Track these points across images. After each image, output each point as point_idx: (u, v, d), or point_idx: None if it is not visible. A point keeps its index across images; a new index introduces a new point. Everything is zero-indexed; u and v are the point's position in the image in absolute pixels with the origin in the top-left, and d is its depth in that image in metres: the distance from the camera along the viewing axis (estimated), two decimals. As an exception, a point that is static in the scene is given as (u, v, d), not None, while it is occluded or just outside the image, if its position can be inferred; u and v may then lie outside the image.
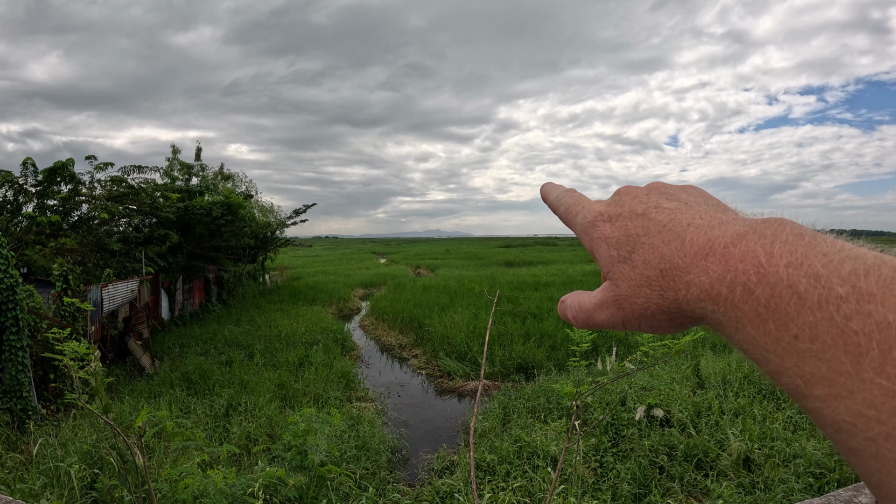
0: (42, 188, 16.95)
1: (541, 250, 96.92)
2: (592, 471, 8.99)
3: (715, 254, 0.45)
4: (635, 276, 0.50)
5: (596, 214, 0.58)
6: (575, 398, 4.17)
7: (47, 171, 16.77)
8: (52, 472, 7.68)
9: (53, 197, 17.28)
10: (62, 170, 16.95)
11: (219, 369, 15.16)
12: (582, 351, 4.38)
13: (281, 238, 39.48)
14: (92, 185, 18.89)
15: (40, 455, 8.43)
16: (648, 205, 0.54)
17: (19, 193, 16.71)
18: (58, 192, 17.25)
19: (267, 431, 10.91)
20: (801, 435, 9.01)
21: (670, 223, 0.50)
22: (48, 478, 7.59)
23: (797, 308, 0.38)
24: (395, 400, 15.14)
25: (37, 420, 10.68)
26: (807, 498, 6.98)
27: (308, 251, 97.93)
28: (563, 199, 0.68)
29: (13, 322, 10.69)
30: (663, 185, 0.59)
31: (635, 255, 0.51)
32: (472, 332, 19.37)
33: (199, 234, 25.53)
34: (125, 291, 16.77)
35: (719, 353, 16.18)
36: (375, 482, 9.16)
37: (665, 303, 0.48)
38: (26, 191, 16.79)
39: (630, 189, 0.59)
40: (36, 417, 10.74)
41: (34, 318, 11.78)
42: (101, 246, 18.81)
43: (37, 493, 6.98)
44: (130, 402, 12.00)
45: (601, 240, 0.56)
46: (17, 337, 10.70)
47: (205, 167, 31.89)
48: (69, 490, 7.08)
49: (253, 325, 22.54)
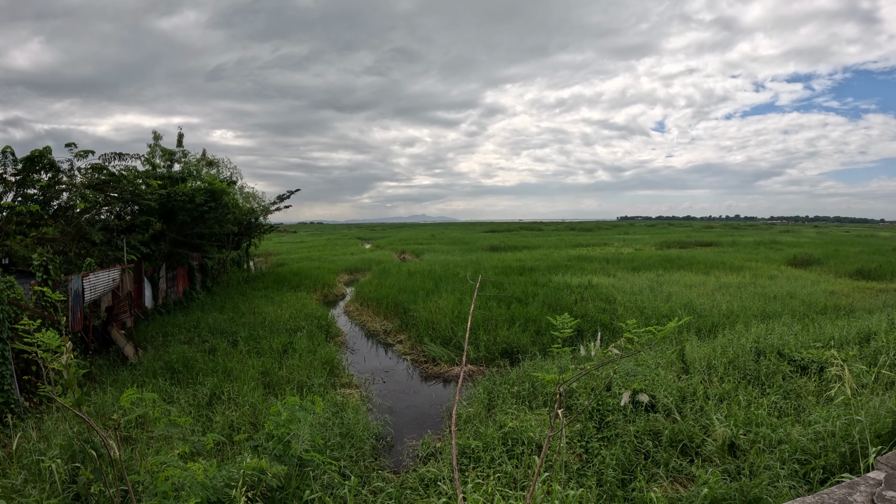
0: (21, 177, 16.71)
1: (526, 235, 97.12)
2: (577, 456, 9.05)
3: None
4: None
5: None
6: (558, 385, 4.18)
7: (26, 159, 16.52)
8: (34, 467, 7.64)
9: (33, 186, 17.05)
10: (41, 158, 16.71)
11: (202, 357, 15.12)
12: (565, 337, 4.39)
13: (265, 224, 39.28)
14: (72, 173, 18.65)
15: (22, 449, 8.37)
16: None
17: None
18: (37, 181, 17.02)
19: (250, 420, 10.90)
20: (786, 421, 9.10)
21: None
22: (30, 472, 7.55)
23: None
24: (379, 386, 15.18)
25: (20, 413, 10.60)
26: (792, 484, 7.08)
27: (293, 237, 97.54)
28: None
29: (-7, 314, 10.58)
30: None
31: None
32: (456, 317, 19.42)
33: (183, 221, 25.34)
34: (107, 280, 16.62)
35: (704, 338, 16.31)
36: (359, 470, 9.18)
37: None
38: (6, 180, 16.56)
39: None
40: (19, 411, 10.66)
41: (15, 310, 11.65)
42: (83, 235, 18.61)
43: (18, 489, 6.94)
44: (113, 393, 11.93)
45: None
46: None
47: (187, 153, 31.61)
48: (51, 485, 7.05)
49: (237, 312, 22.48)
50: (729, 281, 28.16)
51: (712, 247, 57.20)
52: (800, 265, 37.19)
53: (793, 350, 13.00)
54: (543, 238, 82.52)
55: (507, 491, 7.77)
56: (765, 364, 12.27)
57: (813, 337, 14.40)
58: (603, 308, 20.58)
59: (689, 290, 25.27)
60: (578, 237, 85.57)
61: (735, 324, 17.46)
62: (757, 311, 19.46)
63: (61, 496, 6.71)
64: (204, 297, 27.25)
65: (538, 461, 8.40)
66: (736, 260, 38.95)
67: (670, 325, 4.05)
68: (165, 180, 23.98)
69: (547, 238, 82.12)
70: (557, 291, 23.73)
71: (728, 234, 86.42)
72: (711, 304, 21.16)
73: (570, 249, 54.15)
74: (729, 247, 55.69)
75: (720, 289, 25.50)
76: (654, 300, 22.01)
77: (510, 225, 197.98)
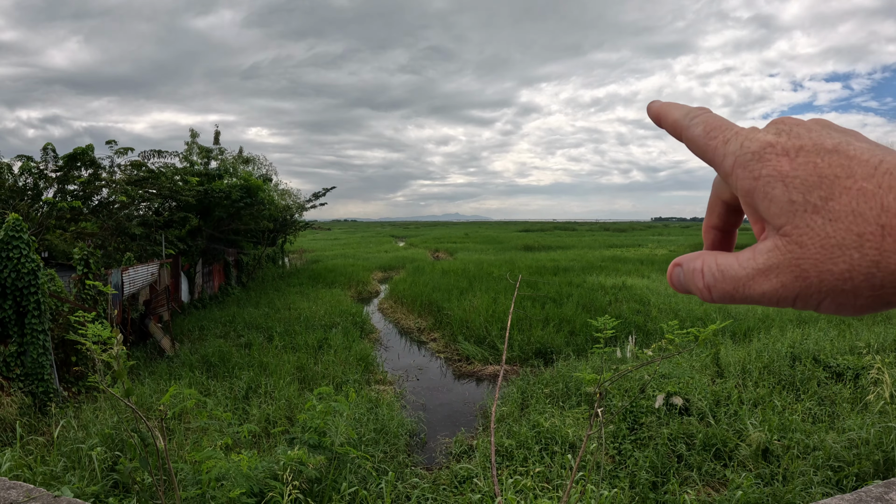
0: (62, 173, 17.02)
1: (560, 235, 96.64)
2: (610, 458, 8.93)
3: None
4: (835, 233, 0.37)
5: (763, 144, 0.43)
6: (598, 385, 4.08)
7: (67, 156, 16.83)
8: (74, 455, 7.74)
9: (74, 182, 17.34)
10: (82, 155, 17.00)
11: (238, 352, 15.24)
12: (606, 338, 4.29)
13: (300, 221, 39.54)
14: (112, 170, 18.96)
15: (62, 437, 8.49)
16: (838, 140, 0.40)
17: (40, 179, 16.79)
18: (78, 177, 17.31)
19: (286, 414, 10.94)
20: (820, 427, 8.93)
21: (881, 165, 0.37)
22: (69, 460, 7.65)
23: None
24: (413, 383, 15.14)
25: (58, 402, 10.77)
26: (826, 491, 6.91)
27: (327, 234, 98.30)
28: (699, 118, 0.51)
29: (35, 306, 10.75)
30: (822, 119, 0.45)
31: (834, 202, 0.38)
32: (491, 316, 19.32)
33: (219, 217, 25.61)
34: (145, 274, 16.86)
35: (739, 342, 16.00)
36: (394, 465, 9.15)
37: (881, 272, 0.36)
38: (47, 176, 16.87)
39: (792, 120, 0.45)
40: (58, 400, 10.83)
41: (55, 302, 11.85)
42: (122, 230, 18.90)
43: (58, 475, 7.02)
44: (150, 385, 12.08)
45: (774, 178, 0.41)
46: (38, 321, 10.77)
47: (224, 150, 31.95)
48: (90, 472, 7.12)
49: (272, 307, 22.62)
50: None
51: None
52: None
53: (828, 356, 12.70)
54: (577, 238, 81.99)
55: (544, 486, 7.68)
56: (800, 369, 12.00)
57: (849, 343, 14.04)
58: (637, 310, 20.31)
59: (726, 292, 24.79)
60: (612, 238, 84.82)
61: (770, 328, 17.08)
62: (793, 316, 19.02)
63: (101, 483, 6.76)
64: (239, 293, 27.52)
65: (573, 460, 8.30)
66: (774, 262, 38.22)
67: (711, 328, 3.92)
68: (203, 177, 24.26)
69: (581, 238, 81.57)
70: (592, 292, 23.50)
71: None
72: (747, 307, 20.70)
73: (604, 250, 53.70)
74: (766, 249, 54.67)
75: (757, 291, 24.98)
76: (688, 302, 21.64)
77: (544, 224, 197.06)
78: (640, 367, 4.32)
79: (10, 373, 10.53)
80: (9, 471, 6.74)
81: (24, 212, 15.83)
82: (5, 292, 10.55)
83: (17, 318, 10.76)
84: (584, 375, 4.34)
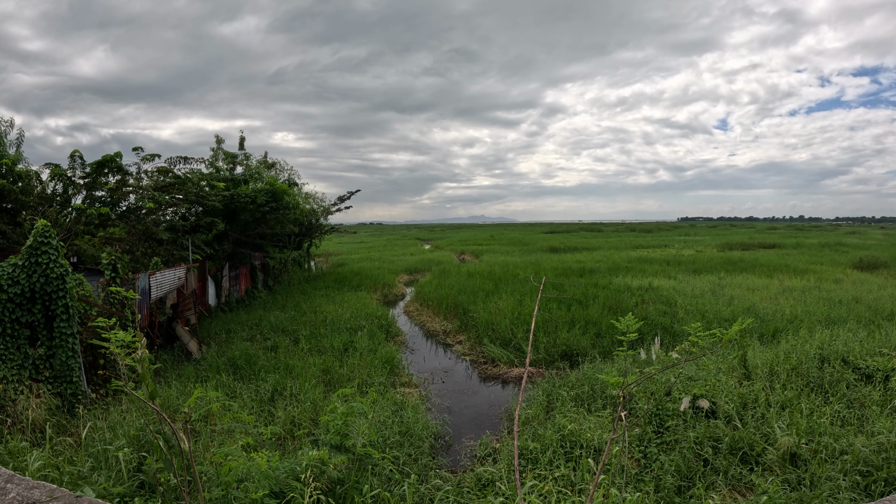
0: (90, 180, 17.27)
1: (586, 236, 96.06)
2: (636, 461, 8.82)
3: None
4: None
5: None
6: (622, 388, 4.02)
7: (95, 163, 17.09)
8: (101, 455, 7.81)
9: (101, 188, 17.59)
10: (110, 162, 17.26)
11: (264, 354, 15.34)
12: (630, 340, 4.22)
13: (326, 225, 39.75)
14: (139, 176, 19.21)
15: (89, 438, 8.58)
16: None
17: (68, 185, 17.06)
18: (105, 184, 17.55)
19: (311, 416, 10.95)
20: (849, 431, 8.76)
21: None
22: (96, 461, 7.72)
23: None
24: (438, 386, 15.11)
25: (86, 404, 10.90)
26: (853, 497, 6.75)
27: (353, 237, 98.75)
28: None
29: (63, 310, 10.90)
30: None
31: None
32: (516, 319, 19.24)
33: (245, 221, 25.82)
34: (172, 278, 17.03)
35: (766, 343, 15.74)
36: (418, 468, 9.12)
37: None
38: (75, 183, 17.13)
39: None
40: (86, 402, 10.97)
41: (84, 306, 12.01)
42: (149, 235, 19.13)
43: (85, 476, 7.09)
44: (177, 387, 12.18)
45: None
46: (67, 324, 10.92)
47: (249, 156, 32.22)
48: (116, 472, 7.18)
49: (298, 310, 22.76)
50: (793, 284, 27.03)
51: (775, 249, 55.16)
52: (866, 269, 35.46)
53: (858, 357, 12.45)
54: (603, 239, 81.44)
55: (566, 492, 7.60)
56: (829, 371, 11.77)
57: (879, 344, 13.72)
58: (664, 311, 20.09)
59: (752, 293, 24.41)
60: (638, 238, 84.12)
61: (798, 329, 16.75)
62: (821, 317, 18.65)
63: (126, 483, 6.82)
64: (265, 296, 27.72)
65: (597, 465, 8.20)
66: (800, 263, 37.45)
67: (735, 328, 3.84)
68: (228, 182, 24.49)
69: (607, 239, 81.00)
70: (617, 294, 23.30)
71: (791, 236, 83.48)
72: (774, 308, 20.38)
73: (630, 251, 53.27)
74: (793, 249, 53.54)
75: (783, 293, 24.50)
76: (715, 304, 21.35)
77: (570, 226, 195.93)
78: (665, 369, 4.25)
79: (39, 375, 10.68)
80: (37, 471, 6.83)
81: (52, 218, 16.09)
82: (35, 296, 10.71)
83: (46, 321, 10.92)
84: (609, 378, 4.28)
